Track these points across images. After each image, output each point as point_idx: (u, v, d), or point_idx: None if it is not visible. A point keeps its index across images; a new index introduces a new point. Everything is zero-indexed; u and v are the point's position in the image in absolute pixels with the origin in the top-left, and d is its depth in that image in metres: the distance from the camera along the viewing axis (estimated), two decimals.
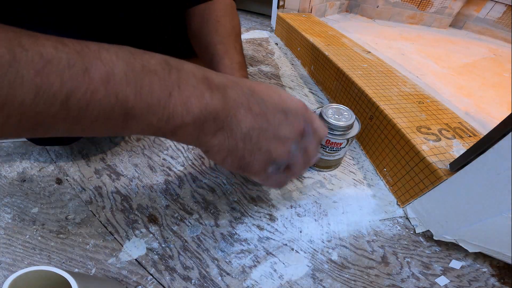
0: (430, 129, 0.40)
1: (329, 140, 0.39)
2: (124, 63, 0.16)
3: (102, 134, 0.18)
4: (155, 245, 0.35)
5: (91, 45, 0.15)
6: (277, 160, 0.22)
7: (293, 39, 0.84)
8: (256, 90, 0.21)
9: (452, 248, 0.36)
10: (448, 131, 0.40)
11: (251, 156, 0.21)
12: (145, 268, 0.32)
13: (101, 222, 0.37)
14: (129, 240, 0.35)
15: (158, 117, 0.17)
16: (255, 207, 0.40)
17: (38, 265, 0.21)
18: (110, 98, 0.15)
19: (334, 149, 0.40)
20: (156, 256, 0.34)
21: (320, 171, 0.46)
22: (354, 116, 0.39)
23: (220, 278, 0.32)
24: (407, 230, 0.38)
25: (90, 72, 0.14)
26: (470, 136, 0.39)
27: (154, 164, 0.45)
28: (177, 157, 0.47)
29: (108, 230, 0.36)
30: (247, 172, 0.23)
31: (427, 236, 0.37)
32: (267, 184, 0.25)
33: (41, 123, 0.14)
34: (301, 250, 0.35)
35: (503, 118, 0.26)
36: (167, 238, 0.35)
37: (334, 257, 0.35)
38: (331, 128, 0.38)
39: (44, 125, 0.15)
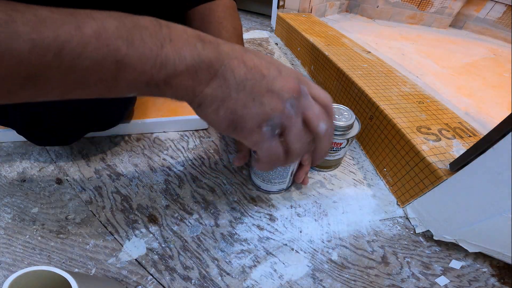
0: (430, 129, 0.40)
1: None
2: (115, 20, 0.17)
3: (96, 89, 0.18)
4: (155, 245, 0.35)
5: (84, 10, 0.17)
6: (271, 116, 0.21)
7: (293, 39, 0.84)
8: (250, 50, 0.22)
9: (452, 248, 0.36)
10: (448, 131, 0.40)
11: (244, 109, 0.21)
12: (145, 268, 0.32)
13: (101, 222, 0.37)
14: (129, 240, 0.35)
15: (151, 64, 0.18)
16: (255, 207, 0.40)
17: (38, 265, 0.21)
18: (101, 49, 0.16)
19: (334, 149, 0.40)
20: (156, 256, 0.34)
21: (320, 171, 0.46)
22: (354, 116, 0.39)
23: (220, 278, 0.32)
24: (407, 230, 0.38)
25: (82, 28, 0.16)
26: (470, 136, 0.39)
27: (154, 164, 0.45)
28: (177, 157, 0.47)
29: (108, 230, 0.36)
30: (239, 131, 0.22)
31: (427, 236, 0.37)
32: (265, 153, 0.23)
33: (35, 73, 0.15)
34: (301, 250, 0.35)
35: (503, 118, 0.26)
36: (167, 238, 0.35)
37: (334, 257, 0.35)
38: None
39: (38, 76, 0.16)
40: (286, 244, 0.36)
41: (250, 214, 0.39)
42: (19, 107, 0.35)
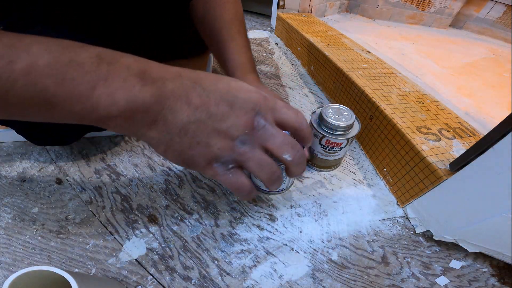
0: (430, 129, 0.40)
1: (329, 140, 0.39)
2: (51, 56, 0.17)
3: (36, 118, 0.19)
4: (155, 245, 0.35)
5: (27, 39, 0.17)
6: (219, 155, 0.21)
7: (293, 39, 0.84)
8: (201, 81, 0.21)
9: (452, 248, 0.36)
10: (448, 131, 0.40)
11: (190, 150, 0.20)
12: (145, 268, 0.32)
13: (101, 222, 0.37)
14: (129, 240, 0.35)
15: (82, 106, 0.17)
16: (255, 207, 0.40)
17: (38, 265, 0.21)
18: (28, 87, 0.16)
19: (334, 149, 0.40)
20: (156, 256, 0.34)
21: (320, 171, 0.46)
22: (354, 116, 0.39)
23: (220, 278, 0.32)
24: (407, 230, 0.38)
25: (13, 63, 0.16)
26: (470, 136, 0.39)
27: (154, 164, 0.45)
28: None
29: (108, 230, 0.36)
30: (192, 168, 0.22)
31: (427, 236, 0.37)
32: (226, 185, 0.23)
33: None
34: (301, 250, 0.35)
35: (503, 118, 0.26)
36: (167, 238, 0.35)
37: (334, 257, 0.35)
38: (331, 128, 0.38)
39: None
40: (286, 244, 0.36)
41: (250, 214, 0.39)
42: None
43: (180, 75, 0.20)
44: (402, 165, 0.40)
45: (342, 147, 0.40)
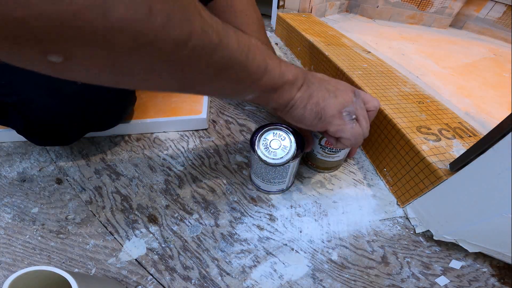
0: (430, 129, 0.40)
1: (329, 141, 0.39)
2: (238, 39, 0.22)
3: (225, 84, 0.24)
4: (155, 245, 0.35)
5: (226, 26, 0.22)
6: (345, 105, 0.30)
7: (293, 39, 0.84)
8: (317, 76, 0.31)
9: (452, 248, 0.36)
10: (448, 131, 0.40)
11: (324, 101, 0.29)
12: (145, 268, 0.32)
13: (101, 222, 0.37)
14: (129, 240, 0.35)
15: (258, 76, 0.24)
16: (255, 207, 0.40)
17: (38, 265, 0.21)
18: (226, 56, 0.21)
19: (334, 150, 0.40)
20: (156, 256, 0.34)
21: (321, 172, 0.46)
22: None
23: (220, 278, 0.32)
24: (407, 230, 0.38)
25: (223, 38, 0.20)
26: (470, 136, 0.39)
27: (154, 164, 0.45)
28: (177, 157, 0.47)
29: (108, 230, 0.36)
30: (323, 119, 0.29)
31: (427, 236, 0.37)
32: (349, 133, 0.30)
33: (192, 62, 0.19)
34: (301, 250, 0.35)
35: (503, 118, 0.26)
36: (167, 238, 0.35)
37: (334, 257, 0.35)
38: None
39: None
40: (286, 244, 0.36)
41: (250, 214, 0.39)
42: (19, 108, 0.35)
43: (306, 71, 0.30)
44: (402, 165, 0.40)
45: (342, 149, 0.40)
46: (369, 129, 0.33)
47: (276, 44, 0.94)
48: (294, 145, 0.33)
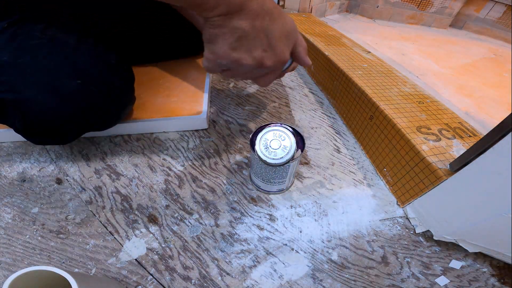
0: (430, 129, 0.40)
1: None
2: None
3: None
4: (155, 245, 0.35)
5: None
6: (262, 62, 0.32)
7: None
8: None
9: (452, 248, 0.36)
10: (448, 131, 0.40)
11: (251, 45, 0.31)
12: (145, 268, 0.32)
13: (101, 222, 0.37)
14: (129, 240, 0.35)
15: None
16: (255, 207, 0.40)
17: (38, 265, 0.21)
18: None
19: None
20: (156, 256, 0.34)
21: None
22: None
23: (220, 278, 0.32)
24: (407, 230, 0.38)
25: None
26: (470, 136, 0.39)
27: (154, 164, 0.45)
28: (177, 157, 0.47)
29: (108, 230, 0.36)
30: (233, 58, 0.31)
31: (427, 236, 0.37)
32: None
33: None
34: (301, 250, 0.35)
35: (503, 118, 0.26)
36: (167, 238, 0.35)
37: (334, 257, 0.35)
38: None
39: None
40: (286, 244, 0.36)
41: (250, 214, 0.39)
42: (18, 106, 0.35)
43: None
44: (402, 165, 0.40)
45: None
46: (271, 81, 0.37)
47: None
48: (294, 145, 0.33)
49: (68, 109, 0.36)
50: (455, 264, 0.35)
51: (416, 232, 0.38)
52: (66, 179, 0.42)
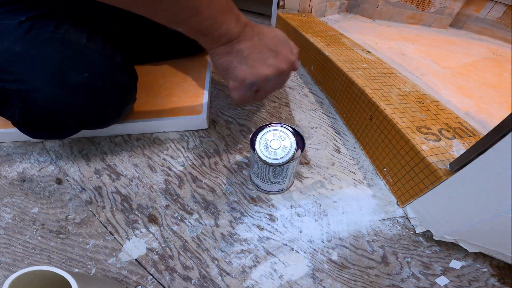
0: (430, 129, 0.40)
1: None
2: None
3: (170, 14, 0.29)
4: (155, 245, 0.35)
5: None
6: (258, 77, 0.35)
7: (293, 39, 0.84)
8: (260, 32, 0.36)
9: (452, 248, 0.36)
10: (448, 131, 0.40)
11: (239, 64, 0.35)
12: (145, 268, 0.32)
13: (101, 222, 0.37)
14: (129, 240, 0.35)
15: (212, 22, 0.31)
16: (255, 207, 0.40)
17: (38, 265, 0.21)
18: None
19: None
20: (156, 256, 0.34)
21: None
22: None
23: (220, 278, 0.32)
24: (407, 230, 0.38)
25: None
26: (470, 136, 0.39)
27: (154, 164, 0.45)
28: (177, 157, 0.47)
29: (108, 230, 0.36)
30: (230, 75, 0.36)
31: (427, 236, 0.37)
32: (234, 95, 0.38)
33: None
34: (301, 250, 0.35)
35: (503, 118, 0.26)
36: (167, 238, 0.35)
37: (334, 257, 0.35)
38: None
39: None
40: (286, 244, 0.36)
41: (250, 214, 0.39)
42: (22, 95, 0.35)
43: (251, 25, 0.35)
44: (402, 165, 0.40)
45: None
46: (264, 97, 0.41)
47: None
48: (294, 145, 0.33)
49: (72, 99, 0.36)
50: (455, 264, 0.35)
51: (416, 232, 0.38)
52: (66, 179, 0.42)
